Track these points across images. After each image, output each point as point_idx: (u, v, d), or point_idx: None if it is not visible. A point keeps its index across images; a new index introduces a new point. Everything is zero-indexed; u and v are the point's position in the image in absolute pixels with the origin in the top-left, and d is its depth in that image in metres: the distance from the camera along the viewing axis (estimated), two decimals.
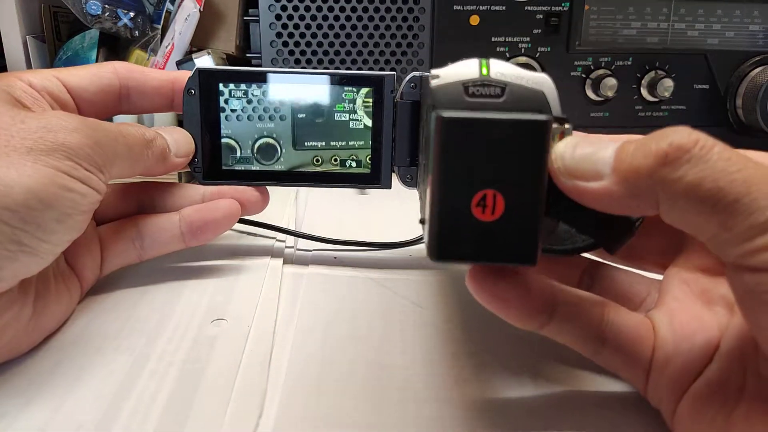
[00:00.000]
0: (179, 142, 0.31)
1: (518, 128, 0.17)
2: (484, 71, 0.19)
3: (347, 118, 0.33)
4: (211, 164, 0.33)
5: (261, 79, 0.33)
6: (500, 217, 0.18)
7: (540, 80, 0.19)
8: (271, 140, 0.33)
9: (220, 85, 0.32)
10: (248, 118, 0.33)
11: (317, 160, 0.34)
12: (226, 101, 0.33)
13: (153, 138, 0.29)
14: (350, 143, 0.33)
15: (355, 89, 0.33)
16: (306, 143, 0.33)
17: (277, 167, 0.34)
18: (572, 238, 0.22)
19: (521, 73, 0.19)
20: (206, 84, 0.32)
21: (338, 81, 0.33)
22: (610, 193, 0.18)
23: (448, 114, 0.17)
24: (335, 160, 0.34)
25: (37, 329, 0.26)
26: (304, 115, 0.33)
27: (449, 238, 0.18)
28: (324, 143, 0.33)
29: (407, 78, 0.32)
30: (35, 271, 0.23)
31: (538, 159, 0.17)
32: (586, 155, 0.18)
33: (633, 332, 0.22)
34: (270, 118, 0.33)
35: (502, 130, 0.17)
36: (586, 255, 0.24)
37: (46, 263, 0.24)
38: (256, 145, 0.33)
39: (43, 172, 0.22)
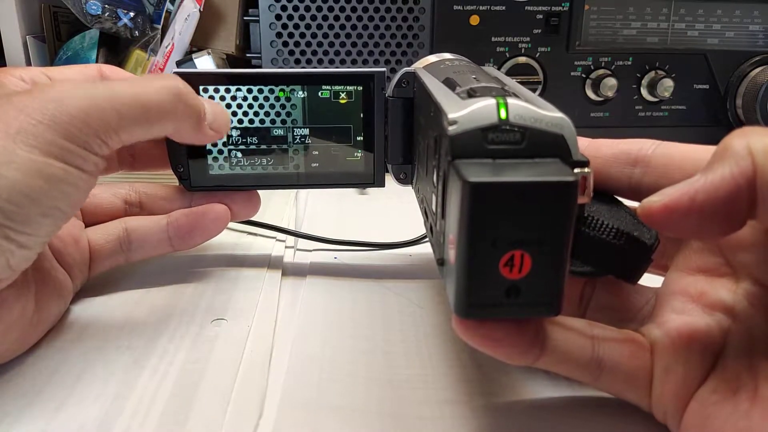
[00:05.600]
0: (216, 113, 0.28)
1: (547, 190, 0.17)
2: (503, 114, 0.18)
3: (338, 117, 0.32)
4: (197, 171, 0.32)
5: (243, 81, 0.31)
6: (527, 274, 0.17)
7: (558, 122, 0.18)
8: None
9: (201, 89, 0.31)
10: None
11: (330, 162, 0.33)
12: None
13: (188, 93, 0.26)
14: (342, 142, 0.33)
15: (344, 87, 0.32)
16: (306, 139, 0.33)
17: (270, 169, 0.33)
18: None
19: (539, 115, 0.18)
20: None
21: (327, 80, 0.32)
22: (731, 176, 0.17)
23: (475, 179, 0.16)
24: (330, 162, 0.33)
25: (41, 323, 0.26)
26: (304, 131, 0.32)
27: (476, 297, 0.18)
28: (321, 140, 0.33)
29: (398, 75, 0.31)
30: (26, 263, 0.23)
31: (566, 218, 0.17)
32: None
33: (626, 348, 0.21)
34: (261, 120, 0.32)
35: (531, 192, 0.17)
36: None
37: (35, 253, 0.23)
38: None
39: (29, 162, 0.21)
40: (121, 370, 0.25)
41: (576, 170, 0.19)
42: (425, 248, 0.38)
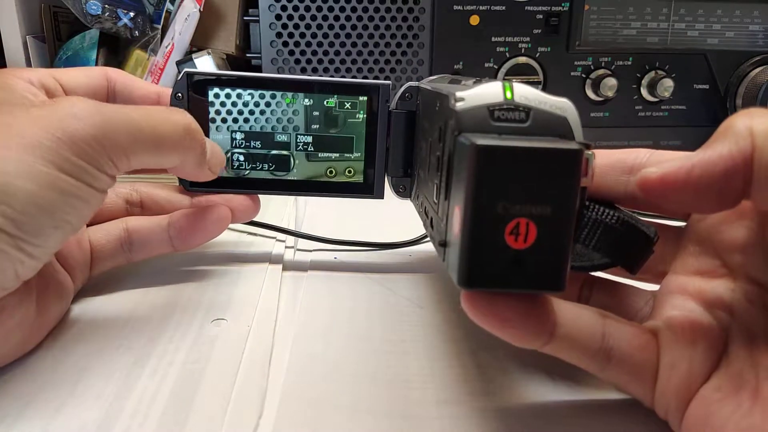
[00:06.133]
0: (214, 152, 0.29)
1: (553, 157, 0.17)
2: (509, 95, 0.19)
3: (341, 126, 0.33)
4: None
5: (252, 85, 0.32)
6: (532, 244, 0.17)
7: (562, 105, 0.19)
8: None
9: (209, 90, 0.31)
10: (239, 127, 0.32)
11: (330, 171, 0.33)
12: (216, 110, 0.32)
13: (198, 131, 0.27)
14: (344, 152, 0.33)
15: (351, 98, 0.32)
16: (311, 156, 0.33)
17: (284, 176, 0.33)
18: (589, 255, 0.22)
19: (543, 98, 0.19)
20: (195, 88, 0.31)
21: (333, 89, 0.32)
22: (724, 154, 0.18)
23: (482, 142, 0.17)
24: (330, 171, 0.33)
25: (42, 326, 0.26)
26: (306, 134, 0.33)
27: (481, 266, 0.18)
28: (323, 148, 0.33)
29: (403, 88, 0.32)
30: (32, 273, 0.23)
31: (571, 187, 0.17)
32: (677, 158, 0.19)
33: (635, 341, 0.21)
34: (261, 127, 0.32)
35: (537, 158, 0.17)
36: None
37: (42, 263, 0.23)
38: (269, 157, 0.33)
39: (45, 176, 0.21)
40: (121, 370, 0.25)
41: None
42: (425, 248, 0.38)
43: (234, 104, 0.32)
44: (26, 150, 0.21)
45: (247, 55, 0.55)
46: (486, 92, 0.19)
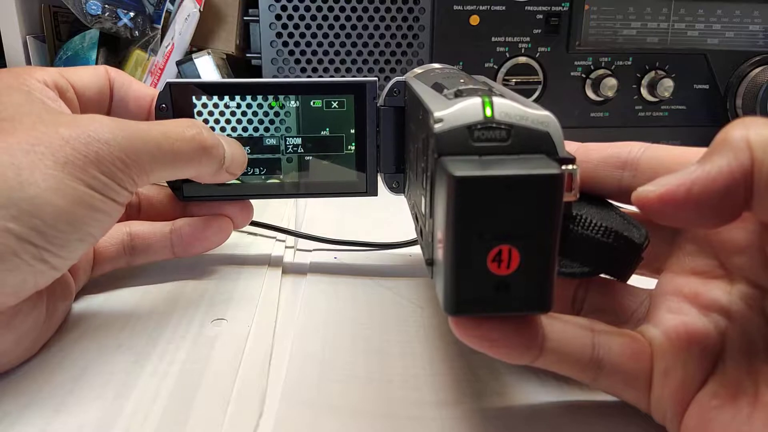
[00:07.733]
0: (235, 157, 0.30)
1: (533, 183, 0.17)
2: (488, 112, 0.18)
3: (330, 126, 0.32)
4: (190, 182, 0.32)
5: (236, 91, 0.31)
6: (516, 269, 0.17)
7: (544, 120, 0.19)
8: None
9: (194, 98, 0.31)
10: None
11: (322, 172, 0.33)
12: (204, 118, 0.32)
13: (214, 145, 0.28)
14: (334, 151, 0.33)
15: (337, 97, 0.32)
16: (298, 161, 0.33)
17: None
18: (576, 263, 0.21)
19: (525, 113, 0.19)
20: (179, 98, 0.31)
21: (319, 90, 0.32)
22: (720, 169, 0.17)
23: (460, 173, 0.17)
24: (322, 172, 0.33)
25: (49, 328, 0.26)
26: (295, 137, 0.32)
27: (465, 294, 0.18)
28: (313, 150, 0.33)
29: (390, 84, 0.31)
30: (49, 282, 0.24)
31: (553, 211, 0.17)
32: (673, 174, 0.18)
33: (627, 349, 0.21)
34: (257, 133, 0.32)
35: (516, 185, 0.17)
36: None
37: (60, 274, 0.24)
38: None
39: (73, 191, 0.22)
40: (121, 370, 0.25)
41: (562, 167, 0.19)
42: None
43: (221, 111, 0.32)
44: (56, 166, 0.22)
45: (247, 55, 0.55)
46: (465, 111, 0.19)
